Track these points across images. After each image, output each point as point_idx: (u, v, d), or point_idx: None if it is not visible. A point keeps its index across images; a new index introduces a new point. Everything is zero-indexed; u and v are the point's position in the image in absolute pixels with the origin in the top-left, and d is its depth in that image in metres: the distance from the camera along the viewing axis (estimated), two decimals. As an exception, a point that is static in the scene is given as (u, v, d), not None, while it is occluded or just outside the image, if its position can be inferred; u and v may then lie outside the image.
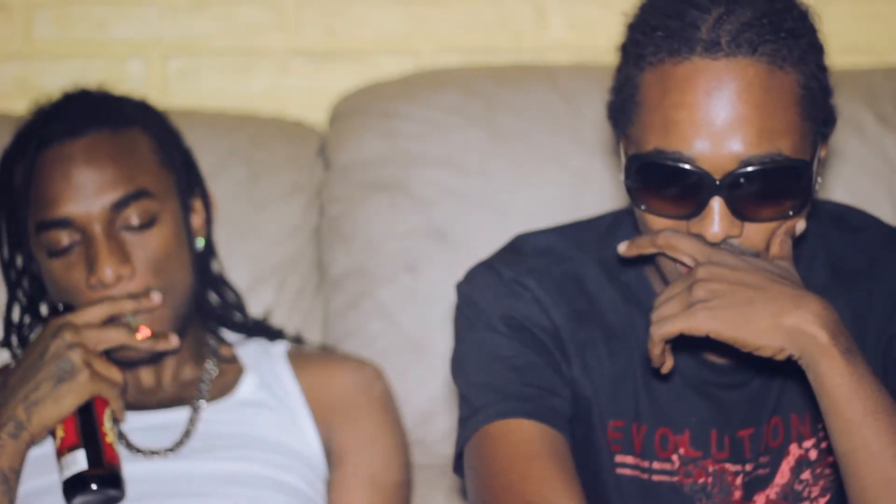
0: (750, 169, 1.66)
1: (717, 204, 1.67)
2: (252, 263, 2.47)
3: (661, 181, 1.68)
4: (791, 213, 1.70)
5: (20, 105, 2.52)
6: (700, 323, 1.65)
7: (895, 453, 1.62)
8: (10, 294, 2.23)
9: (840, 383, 1.62)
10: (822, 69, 1.73)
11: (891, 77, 2.54)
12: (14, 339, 2.24)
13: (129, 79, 2.73)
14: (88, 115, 2.16)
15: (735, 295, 1.64)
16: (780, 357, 1.65)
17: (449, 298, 2.27)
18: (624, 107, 1.73)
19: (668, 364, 1.70)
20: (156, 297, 2.09)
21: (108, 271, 2.07)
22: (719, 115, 1.65)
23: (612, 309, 1.84)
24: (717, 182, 1.66)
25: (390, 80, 2.62)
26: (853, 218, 1.89)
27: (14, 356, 2.24)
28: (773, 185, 1.68)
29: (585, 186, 2.48)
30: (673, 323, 1.66)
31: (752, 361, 1.71)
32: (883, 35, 2.78)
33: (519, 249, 1.88)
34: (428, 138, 2.51)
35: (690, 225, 1.69)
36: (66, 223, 2.10)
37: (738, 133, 1.65)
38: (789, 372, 1.72)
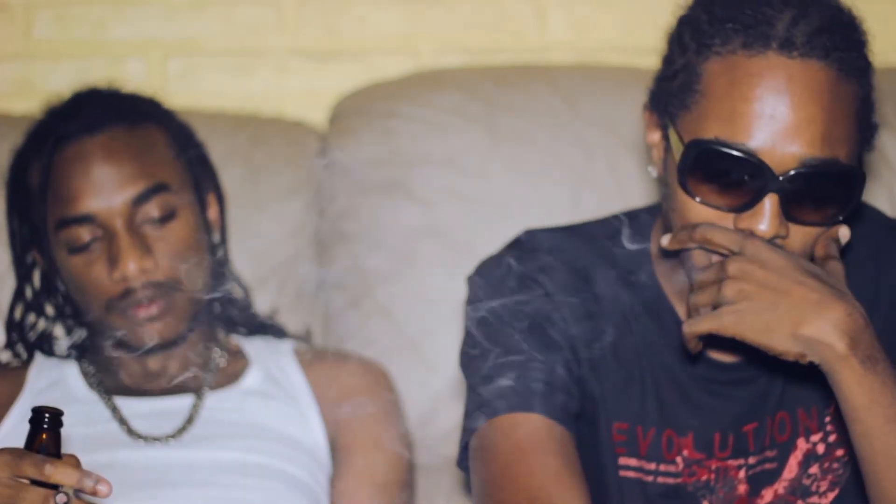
0: (809, 171, 1.67)
1: (771, 201, 1.68)
2: (252, 263, 2.46)
3: (718, 171, 1.69)
4: (839, 218, 1.72)
5: (20, 105, 2.52)
6: (726, 327, 1.67)
7: None
8: (17, 290, 2.24)
9: (859, 392, 1.63)
10: (872, 86, 1.75)
11: (891, 77, 2.54)
12: (16, 338, 2.25)
13: (129, 79, 2.71)
14: (104, 113, 2.18)
15: (760, 299, 1.65)
16: (804, 362, 1.66)
17: (449, 298, 2.28)
18: (678, 93, 1.73)
19: (697, 346, 1.73)
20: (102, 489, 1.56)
21: (131, 266, 2.09)
22: (786, 113, 1.66)
23: (620, 311, 1.84)
24: (778, 178, 1.66)
25: (390, 80, 2.62)
26: (858, 210, 1.90)
27: (16, 356, 2.25)
28: (827, 191, 1.69)
29: (585, 186, 2.48)
30: (701, 323, 1.68)
31: (772, 361, 1.72)
32: (883, 35, 2.77)
33: (529, 246, 1.88)
34: (428, 138, 2.51)
35: (738, 220, 1.70)
36: (87, 219, 2.12)
37: (803, 134, 1.66)
38: (801, 370, 1.72)
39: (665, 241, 1.77)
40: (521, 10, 2.79)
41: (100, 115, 2.17)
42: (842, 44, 1.69)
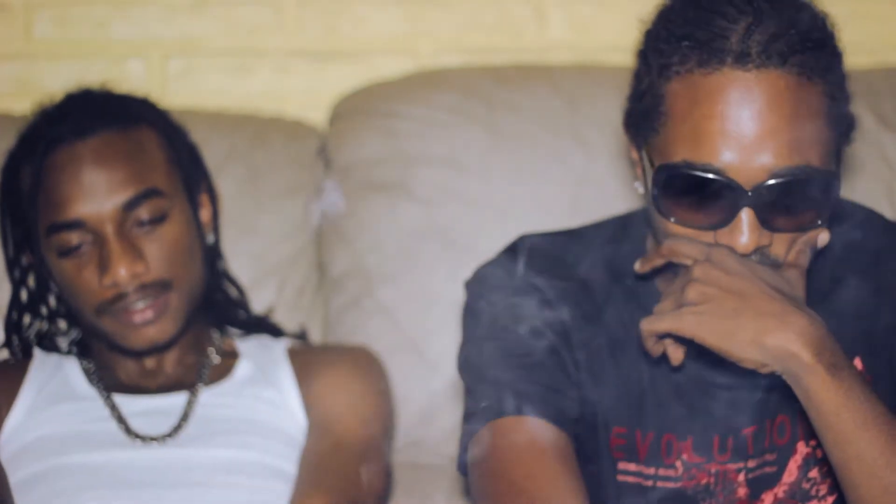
0: (780, 181, 1.66)
1: (746, 215, 1.68)
2: (252, 263, 2.47)
3: (690, 192, 1.69)
4: (819, 222, 1.72)
5: (20, 105, 2.52)
6: (686, 327, 1.67)
7: (889, 461, 1.63)
8: (13, 293, 2.24)
9: (827, 398, 1.64)
10: (843, 76, 1.73)
11: (891, 77, 2.54)
12: (15, 340, 2.25)
13: (129, 79, 2.73)
14: (96, 115, 2.16)
15: (723, 303, 1.66)
16: (763, 371, 1.67)
17: (449, 298, 2.28)
18: (647, 115, 1.72)
19: (674, 357, 1.72)
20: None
21: (122, 271, 2.09)
22: (749, 126, 1.65)
23: (617, 314, 1.84)
24: (748, 193, 1.66)
25: (390, 80, 2.62)
26: (853, 211, 1.90)
27: (14, 355, 2.25)
28: (802, 197, 1.69)
29: (585, 186, 2.48)
30: (661, 321, 1.69)
31: (737, 368, 1.72)
32: (883, 35, 2.78)
33: (527, 251, 1.88)
34: (428, 138, 2.51)
35: (718, 235, 1.70)
36: (77, 224, 2.11)
37: (769, 145, 1.66)
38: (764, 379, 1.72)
39: (637, 266, 1.77)
40: (521, 10, 2.79)
41: (91, 118, 2.15)
42: (799, 46, 1.67)
